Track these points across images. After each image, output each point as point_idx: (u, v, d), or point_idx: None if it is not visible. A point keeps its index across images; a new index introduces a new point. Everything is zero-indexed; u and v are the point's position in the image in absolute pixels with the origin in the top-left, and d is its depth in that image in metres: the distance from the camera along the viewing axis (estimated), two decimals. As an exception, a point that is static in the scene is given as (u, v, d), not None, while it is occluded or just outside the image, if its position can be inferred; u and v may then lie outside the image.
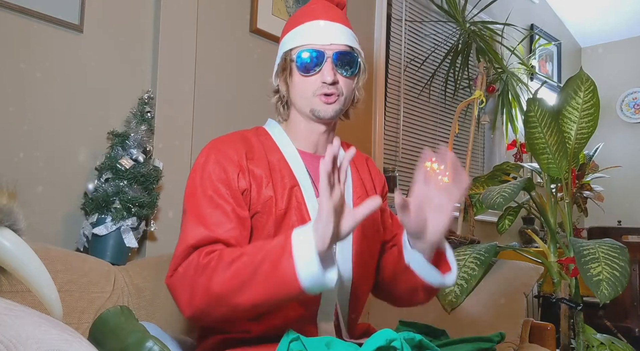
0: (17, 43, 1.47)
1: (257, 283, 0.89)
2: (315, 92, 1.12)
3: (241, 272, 0.91)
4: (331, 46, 1.11)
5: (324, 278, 0.87)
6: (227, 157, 1.09)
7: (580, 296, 2.01)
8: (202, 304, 0.95)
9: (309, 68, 1.11)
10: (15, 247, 0.80)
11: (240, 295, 0.91)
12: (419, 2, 3.18)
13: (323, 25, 1.13)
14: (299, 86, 1.13)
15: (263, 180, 1.09)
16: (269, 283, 0.89)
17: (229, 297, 0.92)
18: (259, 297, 0.90)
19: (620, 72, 4.59)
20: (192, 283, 0.96)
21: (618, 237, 2.97)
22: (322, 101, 1.12)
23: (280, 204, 1.09)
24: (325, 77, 1.10)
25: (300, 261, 0.86)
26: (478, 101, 2.94)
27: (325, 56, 1.10)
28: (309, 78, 1.12)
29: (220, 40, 1.97)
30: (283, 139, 1.18)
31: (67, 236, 1.53)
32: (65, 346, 0.59)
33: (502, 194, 1.75)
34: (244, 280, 0.90)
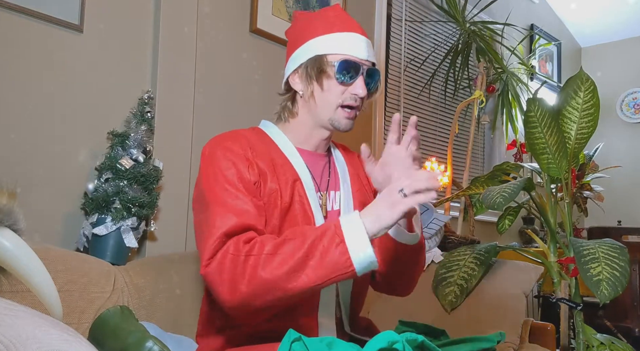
0: (17, 43, 1.47)
1: (309, 269, 0.91)
2: (343, 102, 1.15)
3: (290, 259, 0.92)
4: (367, 62, 1.15)
5: (374, 262, 0.92)
6: (233, 152, 1.10)
7: (580, 296, 2.01)
8: (248, 292, 0.94)
9: (346, 78, 1.13)
10: (15, 247, 0.80)
11: (292, 281, 0.92)
12: (419, 2, 3.18)
13: (360, 39, 1.16)
14: (327, 93, 1.15)
15: (267, 174, 1.11)
16: (320, 269, 0.91)
17: (280, 283, 0.92)
18: (310, 283, 0.92)
19: (620, 72, 4.59)
20: (234, 272, 0.95)
21: (618, 237, 2.97)
22: (343, 114, 1.16)
23: (285, 197, 1.11)
24: (358, 90, 1.14)
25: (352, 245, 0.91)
26: (478, 101, 2.94)
27: (361, 70, 1.14)
28: (341, 87, 1.14)
29: (220, 40, 1.97)
30: (281, 137, 1.20)
31: (67, 236, 1.53)
32: (65, 346, 0.59)
33: (502, 194, 1.75)
34: (295, 267, 0.92)
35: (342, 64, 1.12)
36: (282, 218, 1.10)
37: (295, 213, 1.11)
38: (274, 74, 2.06)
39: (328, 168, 1.24)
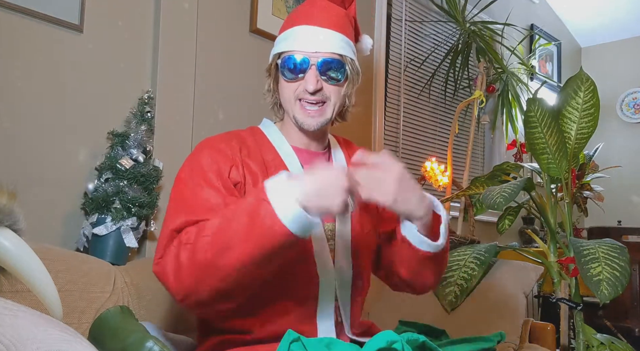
0: (17, 43, 1.47)
1: (239, 239, 0.88)
2: (297, 96, 1.12)
3: (221, 233, 0.89)
4: (317, 54, 1.10)
5: (307, 217, 0.87)
6: (220, 152, 1.09)
7: (580, 296, 2.01)
8: (190, 279, 0.92)
9: (292, 74, 1.11)
10: (15, 247, 0.79)
11: (226, 256, 0.88)
12: (419, 2, 3.18)
13: (311, 31, 1.11)
14: (283, 91, 1.15)
15: (259, 177, 1.10)
16: (251, 235, 0.87)
17: (215, 261, 0.89)
18: (246, 253, 0.88)
19: (620, 72, 4.59)
20: (176, 262, 0.93)
21: (618, 237, 2.98)
22: (302, 111, 1.12)
23: None
24: (307, 85, 1.09)
25: (277, 203, 0.86)
26: (478, 101, 2.94)
27: (310, 63, 1.09)
28: (292, 84, 1.12)
29: (220, 40, 1.97)
30: (278, 137, 1.19)
31: (67, 236, 1.53)
32: (65, 346, 0.59)
33: (502, 194, 1.75)
34: (226, 240, 0.88)
35: (285, 61, 1.11)
36: None
37: None
38: (274, 74, 2.05)
39: None
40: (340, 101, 1.15)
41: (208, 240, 0.90)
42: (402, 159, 3.02)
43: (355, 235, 1.16)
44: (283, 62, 1.11)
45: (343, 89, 1.14)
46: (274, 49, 1.16)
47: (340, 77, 1.12)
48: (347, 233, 1.16)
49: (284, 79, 1.12)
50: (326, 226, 1.15)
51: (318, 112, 1.12)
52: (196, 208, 1.00)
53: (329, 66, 1.10)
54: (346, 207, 0.89)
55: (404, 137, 3.03)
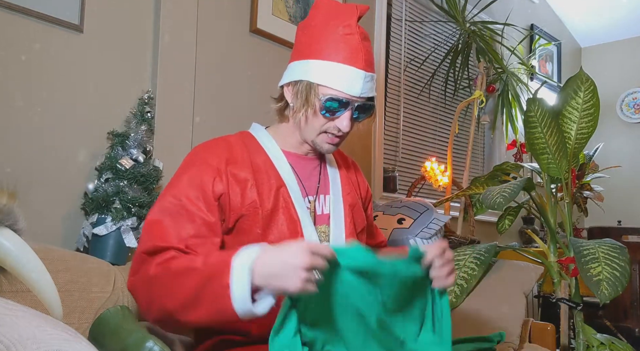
0: (17, 43, 1.47)
1: (201, 306, 0.91)
2: (326, 130, 1.14)
3: (188, 291, 0.92)
4: (358, 99, 1.12)
5: (251, 310, 0.88)
6: (204, 162, 1.11)
7: (580, 296, 2.00)
8: (158, 317, 0.98)
9: (332, 114, 1.12)
10: (15, 247, 0.80)
11: (187, 314, 0.92)
12: (419, 2, 3.18)
13: (357, 74, 1.11)
14: (312, 122, 1.14)
15: (248, 183, 1.11)
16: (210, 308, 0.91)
17: (178, 314, 0.93)
18: (203, 319, 0.92)
19: (620, 72, 4.59)
20: (147, 295, 0.98)
21: (618, 237, 2.98)
22: (326, 140, 1.16)
23: (266, 205, 1.10)
24: (342, 125, 1.13)
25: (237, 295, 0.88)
26: (478, 101, 2.94)
27: (349, 107, 1.12)
28: (326, 119, 1.13)
29: (220, 40, 1.97)
30: (268, 141, 1.21)
31: (67, 236, 1.53)
32: (65, 346, 0.59)
33: (502, 194, 1.75)
34: (190, 301, 0.92)
35: (329, 101, 1.10)
36: (266, 226, 1.10)
37: (279, 220, 1.11)
38: (274, 74, 2.05)
39: (319, 172, 1.24)
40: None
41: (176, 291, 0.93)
42: (402, 159, 3.02)
43: (349, 235, 1.16)
44: (326, 100, 1.10)
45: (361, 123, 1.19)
46: (310, 74, 1.12)
47: (369, 116, 1.18)
48: (341, 234, 1.16)
49: (321, 115, 1.12)
50: (319, 228, 1.16)
51: (337, 141, 1.17)
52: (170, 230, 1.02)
53: (364, 109, 1.14)
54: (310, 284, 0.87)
55: (404, 138, 3.03)
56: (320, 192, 1.21)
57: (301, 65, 1.14)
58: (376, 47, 2.74)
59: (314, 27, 1.15)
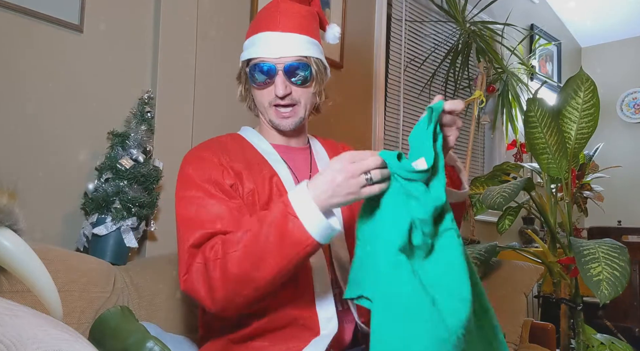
0: (17, 43, 1.47)
1: (271, 252, 0.92)
2: (270, 102, 1.16)
3: (252, 248, 0.93)
4: (281, 59, 1.14)
5: (332, 228, 0.91)
6: (204, 161, 1.13)
7: (580, 296, 2.01)
8: (224, 293, 0.96)
9: (261, 82, 1.15)
10: (15, 247, 0.80)
11: (259, 270, 0.93)
12: (419, 2, 3.18)
13: (275, 37, 1.15)
14: (256, 98, 1.20)
15: (243, 174, 1.13)
16: (283, 248, 0.91)
17: (249, 275, 0.94)
18: (277, 265, 0.92)
19: (620, 72, 4.59)
20: (207, 278, 0.97)
21: (618, 237, 2.97)
22: (276, 115, 1.17)
23: (262, 195, 1.12)
24: (277, 91, 1.14)
25: (304, 216, 0.90)
26: (478, 101, 2.94)
27: (277, 69, 1.14)
28: (263, 90, 1.16)
29: (220, 40, 1.97)
30: (257, 138, 1.23)
31: (67, 236, 1.53)
32: (65, 346, 0.59)
33: (502, 194, 1.75)
34: (258, 254, 0.93)
35: (252, 69, 1.15)
36: None
37: None
38: (274, 74, 2.05)
39: (309, 162, 1.25)
40: (311, 100, 1.20)
41: (239, 255, 0.94)
42: (402, 159, 3.01)
43: (346, 220, 1.17)
44: (251, 70, 1.16)
45: (311, 88, 1.18)
46: (242, 56, 1.19)
47: (308, 78, 1.16)
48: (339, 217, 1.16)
49: (254, 86, 1.17)
50: None
51: (291, 114, 1.18)
52: (206, 221, 1.03)
53: (295, 70, 1.14)
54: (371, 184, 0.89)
55: (404, 137, 3.03)
56: None
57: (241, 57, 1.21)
58: (376, 47, 2.74)
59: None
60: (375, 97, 2.73)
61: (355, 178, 0.89)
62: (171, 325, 1.41)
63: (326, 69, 1.21)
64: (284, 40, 1.14)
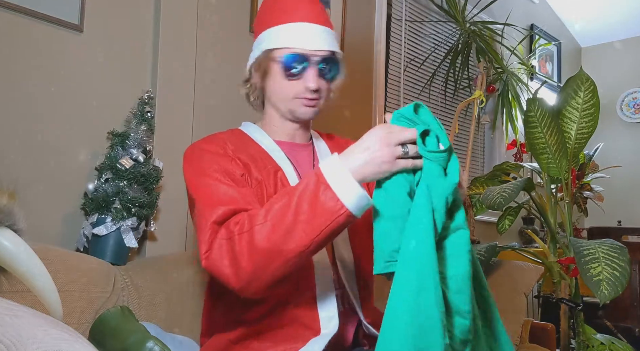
0: (17, 43, 1.47)
1: (302, 223, 0.88)
2: (297, 95, 1.13)
3: (280, 220, 0.89)
4: (317, 52, 1.10)
5: (367, 197, 0.88)
6: (212, 152, 1.10)
7: (580, 296, 2.01)
8: (251, 266, 0.91)
9: (293, 73, 1.10)
10: (15, 247, 0.80)
11: (289, 241, 0.89)
12: (419, 2, 3.18)
13: (310, 29, 1.11)
14: (280, 88, 1.14)
15: (250, 166, 1.11)
16: (314, 219, 0.88)
17: (279, 247, 0.89)
18: (308, 237, 0.88)
19: (620, 72, 4.59)
20: (232, 252, 0.92)
21: (618, 237, 2.97)
22: (301, 103, 1.14)
23: (269, 188, 1.10)
24: (309, 84, 1.10)
25: (337, 186, 0.87)
26: (478, 101, 2.94)
27: (311, 62, 1.10)
28: (292, 82, 1.12)
29: (220, 40, 1.97)
30: (259, 134, 1.20)
31: (67, 236, 1.53)
32: (65, 346, 0.59)
33: (502, 194, 1.75)
34: (287, 226, 0.89)
35: (287, 59, 1.10)
36: None
37: None
38: (274, 74, 2.05)
39: (312, 158, 1.23)
40: (327, 94, 1.17)
41: (267, 227, 0.90)
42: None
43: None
44: (283, 60, 1.10)
45: (333, 84, 1.17)
46: (264, 43, 1.13)
47: (336, 75, 1.15)
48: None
49: (285, 77, 1.11)
50: None
51: (313, 104, 1.14)
52: (228, 199, 1.00)
53: (328, 65, 1.12)
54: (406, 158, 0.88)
55: (404, 137, 3.02)
56: None
57: (257, 42, 1.16)
58: (376, 47, 2.74)
59: (264, 7, 1.19)
60: (375, 97, 2.73)
61: (392, 147, 0.87)
62: (171, 325, 1.41)
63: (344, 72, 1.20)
64: (319, 33, 1.11)
